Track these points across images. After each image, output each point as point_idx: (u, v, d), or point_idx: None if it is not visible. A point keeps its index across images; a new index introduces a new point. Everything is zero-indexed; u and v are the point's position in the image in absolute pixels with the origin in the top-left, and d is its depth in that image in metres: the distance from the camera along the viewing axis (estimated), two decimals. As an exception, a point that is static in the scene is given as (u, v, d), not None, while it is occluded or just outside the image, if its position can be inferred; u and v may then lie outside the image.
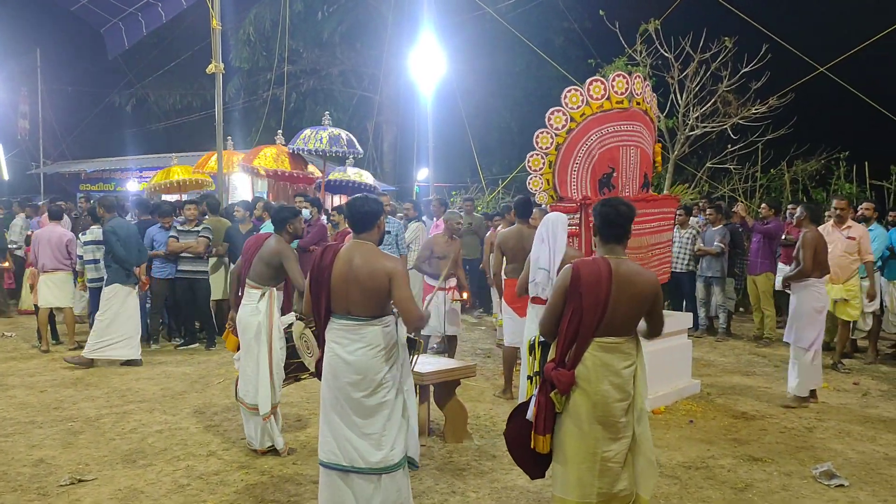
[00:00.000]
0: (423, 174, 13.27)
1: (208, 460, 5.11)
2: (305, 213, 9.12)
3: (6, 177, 23.52)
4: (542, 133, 6.48)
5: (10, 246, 11.38)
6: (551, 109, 6.45)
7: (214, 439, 5.54)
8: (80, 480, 4.69)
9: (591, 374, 3.47)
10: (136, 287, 8.17)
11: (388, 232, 8.39)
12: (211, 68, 12.40)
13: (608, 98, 6.41)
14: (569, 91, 6.46)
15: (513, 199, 11.15)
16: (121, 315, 7.97)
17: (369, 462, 3.73)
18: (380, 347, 3.76)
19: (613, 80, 6.43)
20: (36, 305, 9.10)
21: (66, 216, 10.84)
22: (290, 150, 12.22)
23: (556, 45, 21.17)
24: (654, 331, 3.69)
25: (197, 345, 9.06)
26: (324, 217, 9.69)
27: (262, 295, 5.18)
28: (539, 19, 21.03)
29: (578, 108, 6.41)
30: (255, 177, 12.92)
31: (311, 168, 12.95)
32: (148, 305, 9.11)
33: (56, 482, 4.67)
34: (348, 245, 3.88)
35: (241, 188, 17.76)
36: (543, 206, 6.86)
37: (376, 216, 3.89)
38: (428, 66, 14.52)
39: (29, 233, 10.74)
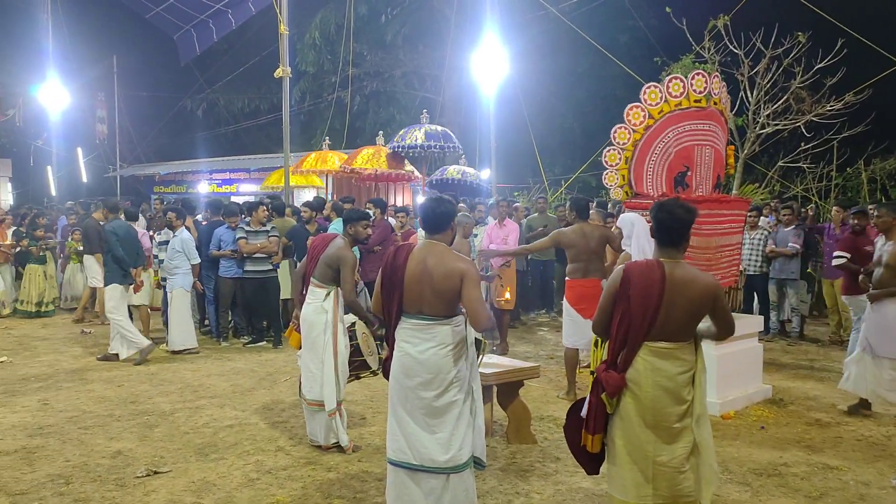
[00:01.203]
0: (485, 175, 13.25)
1: (277, 455, 5.23)
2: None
3: (85, 179, 24.66)
4: (620, 128, 6.42)
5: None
6: (630, 105, 6.40)
7: (282, 435, 5.67)
8: (155, 472, 4.87)
9: (641, 378, 3.42)
10: (131, 287, 8.53)
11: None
12: (279, 72, 12.68)
13: (686, 96, 6.33)
14: (648, 87, 6.40)
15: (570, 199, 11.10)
16: (122, 312, 8.35)
17: (437, 462, 3.75)
18: (450, 347, 3.78)
19: (693, 78, 6.35)
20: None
21: (141, 216, 11.26)
22: (390, 149, 12.23)
23: (620, 43, 20.86)
24: (722, 334, 3.59)
25: (264, 343, 9.26)
26: (392, 219, 9.78)
27: (328, 294, 5.26)
28: (603, 18, 20.75)
29: (657, 104, 6.34)
30: (355, 178, 13.03)
31: (408, 167, 12.93)
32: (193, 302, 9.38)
33: (133, 473, 4.86)
34: (421, 245, 3.92)
35: (306, 189, 18.12)
36: (618, 203, 6.83)
37: (450, 217, 3.93)
38: (490, 67, 14.50)
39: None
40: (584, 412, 3.61)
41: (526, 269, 10.61)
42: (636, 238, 5.48)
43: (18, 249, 11.55)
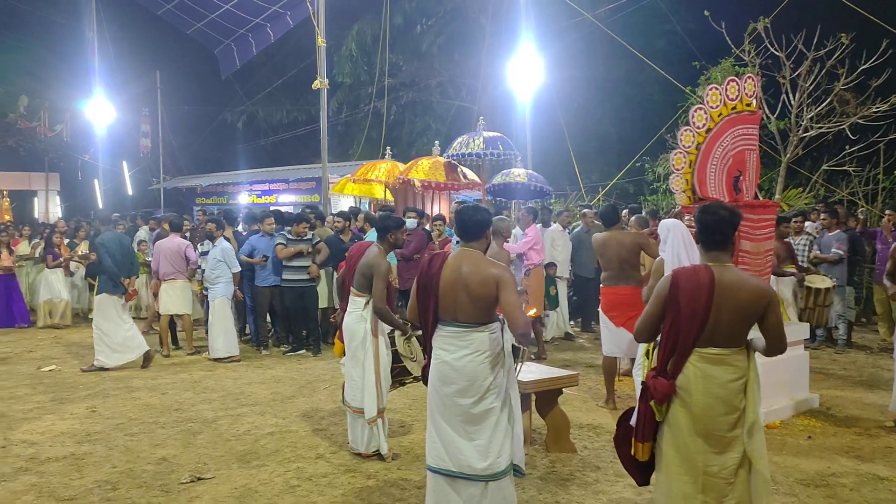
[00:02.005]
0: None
1: (317, 463, 5.27)
2: (411, 222, 9.30)
3: (130, 192, 25.24)
4: (685, 131, 6.36)
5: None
6: (695, 107, 6.34)
7: (322, 443, 5.71)
8: (199, 478, 4.95)
9: (692, 385, 3.36)
10: (123, 297, 8.68)
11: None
12: (316, 84, 12.86)
13: (740, 100, 6.27)
14: (710, 89, 6.34)
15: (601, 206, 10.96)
16: (109, 322, 8.50)
17: (476, 469, 3.75)
18: (486, 354, 3.78)
19: (745, 81, 6.28)
20: (158, 312, 9.65)
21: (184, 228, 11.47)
22: (447, 159, 12.10)
23: (657, 48, 20.65)
24: (771, 348, 3.45)
25: (304, 351, 9.35)
26: (428, 227, 9.82)
27: (367, 302, 5.29)
28: (639, 23, 20.58)
29: (717, 107, 6.29)
30: (411, 189, 13.02)
31: (471, 176, 12.77)
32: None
33: (177, 479, 4.94)
34: (456, 253, 3.94)
35: (344, 199, 18.29)
36: (662, 211, 6.77)
37: (485, 225, 3.96)
38: (526, 75, 14.49)
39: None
40: (633, 420, 3.57)
41: (570, 284, 10.45)
42: (671, 244, 5.40)
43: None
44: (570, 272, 10.14)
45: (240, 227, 10.93)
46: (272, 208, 13.46)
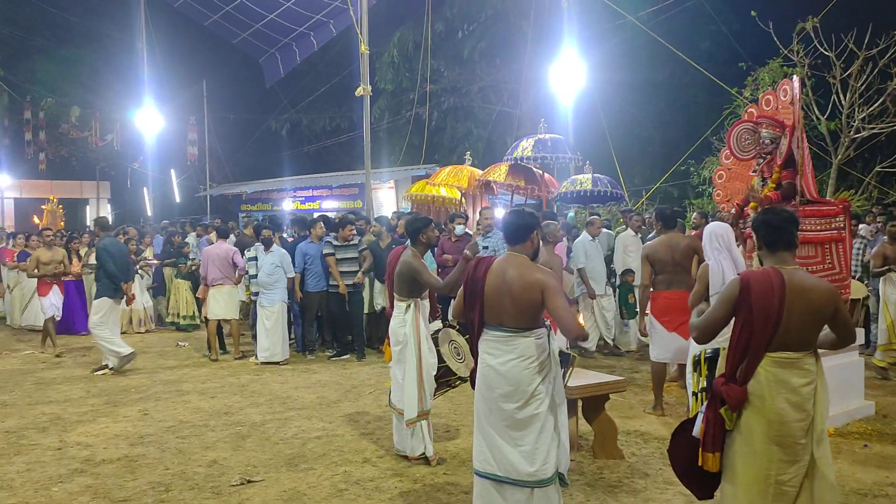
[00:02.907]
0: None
1: (364, 467, 5.31)
2: (459, 228, 9.33)
3: (178, 199, 25.80)
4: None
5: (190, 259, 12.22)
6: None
7: (369, 447, 5.75)
8: (249, 481, 5.02)
9: (764, 390, 3.29)
10: (123, 301, 8.93)
11: (486, 247, 8.36)
12: (359, 91, 12.98)
13: (792, 102, 6.21)
14: (764, 95, 6.34)
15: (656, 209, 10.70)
16: (108, 323, 8.76)
17: (522, 474, 3.75)
18: (532, 359, 3.77)
19: (792, 82, 6.23)
20: (206, 317, 9.83)
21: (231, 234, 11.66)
22: (511, 163, 11.73)
23: (701, 50, 20.36)
24: (842, 341, 3.46)
25: (348, 356, 9.43)
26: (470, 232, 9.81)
27: (408, 307, 5.34)
28: (683, 25, 20.31)
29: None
30: (489, 191, 12.90)
31: (547, 178, 12.54)
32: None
33: (228, 482, 5.02)
34: (502, 257, 3.95)
35: (387, 204, 18.43)
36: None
37: (530, 229, 3.94)
38: (568, 79, 14.42)
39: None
40: (696, 431, 3.47)
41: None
42: (715, 249, 5.34)
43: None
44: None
45: (285, 234, 11.09)
46: (316, 214, 13.62)
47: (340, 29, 18.28)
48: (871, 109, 11.95)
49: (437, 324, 5.55)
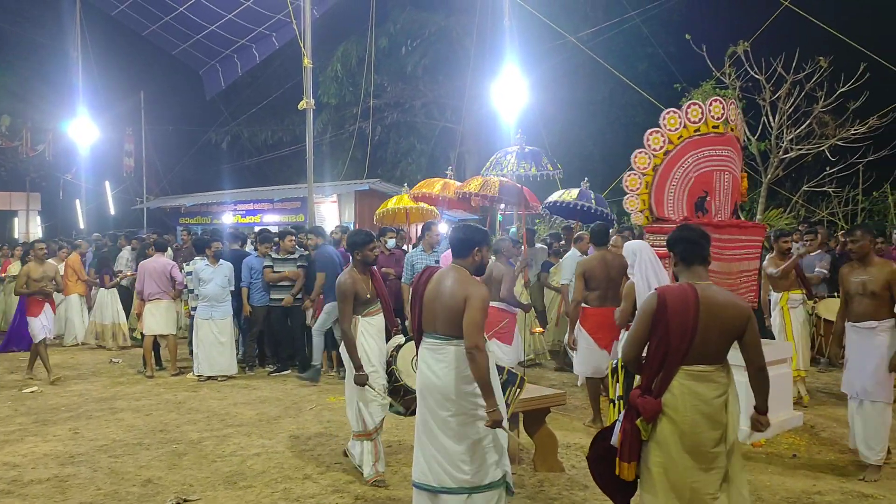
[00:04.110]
0: (555, 197, 13.21)
1: (304, 483, 5.23)
2: (391, 242, 9.37)
3: (113, 212, 25.07)
4: (640, 153, 6.44)
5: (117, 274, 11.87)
6: (650, 130, 6.42)
7: (309, 463, 5.68)
8: (185, 500, 4.90)
9: (678, 402, 3.40)
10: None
11: (437, 262, 8.37)
12: (302, 104, 12.87)
13: (705, 122, 6.34)
14: (668, 113, 6.42)
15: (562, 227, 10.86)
16: None
17: (458, 480, 3.79)
18: (464, 367, 3.82)
19: (711, 104, 6.37)
20: (142, 333, 9.56)
21: (168, 248, 11.41)
22: (484, 176, 11.49)
23: (639, 71, 20.96)
24: (749, 364, 3.52)
25: (289, 371, 9.30)
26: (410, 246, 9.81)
27: (353, 324, 5.27)
28: (621, 46, 20.90)
29: (676, 130, 6.36)
30: (467, 205, 12.60)
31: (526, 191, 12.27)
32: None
33: (163, 501, 4.89)
34: (444, 268, 4.07)
35: (329, 218, 18.30)
36: (629, 226, 6.82)
37: (472, 244, 4.00)
38: (510, 97, 14.61)
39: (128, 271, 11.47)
40: (614, 440, 3.58)
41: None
42: (639, 266, 5.45)
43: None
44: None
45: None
46: (257, 228, 13.42)
47: (283, 42, 18.12)
48: (798, 131, 12.47)
49: (399, 339, 5.38)
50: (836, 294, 7.88)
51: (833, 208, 14.25)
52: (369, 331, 5.30)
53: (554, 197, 11.52)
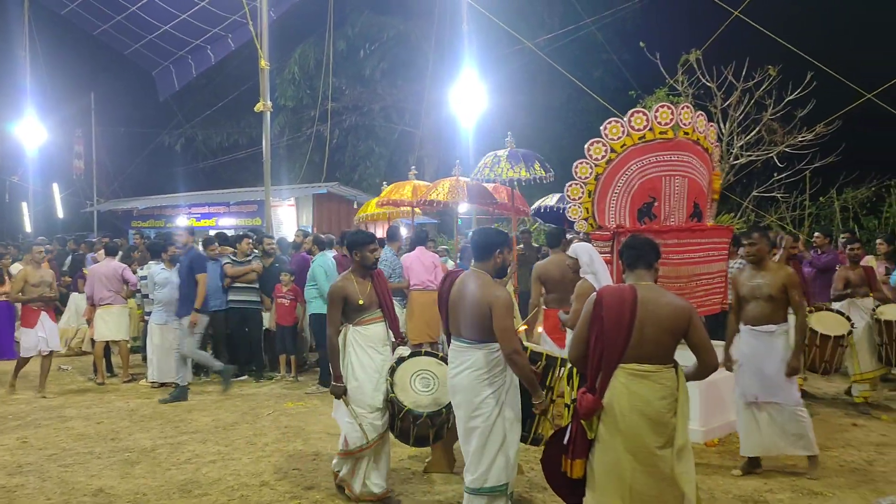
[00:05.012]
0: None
1: (261, 490, 5.17)
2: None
3: (61, 215, 24.41)
4: (581, 163, 6.53)
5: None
6: (591, 140, 6.50)
7: (267, 469, 5.61)
8: (138, 509, 4.79)
9: (616, 401, 3.45)
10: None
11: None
12: (259, 107, 12.74)
13: (650, 129, 6.42)
14: (609, 123, 6.50)
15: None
16: None
17: (467, 479, 3.95)
18: (481, 371, 3.92)
19: (657, 110, 6.45)
20: (92, 339, 9.34)
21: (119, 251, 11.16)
22: (474, 181, 11.34)
23: (594, 77, 21.26)
24: (702, 364, 3.59)
25: (246, 377, 9.18)
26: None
27: (343, 333, 4.93)
28: (577, 53, 21.17)
29: (618, 139, 6.44)
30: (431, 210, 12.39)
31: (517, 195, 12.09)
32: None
33: (116, 511, 4.78)
34: (466, 273, 4.15)
35: (287, 222, 18.13)
36: (582, 234, 6.88)
37: (493, 247, 4.09)
38: (469, 101, 14.68)
39: (85, 270, 11.00)
40: (566, 439, 3.63)
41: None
42: (599, 265, 5.53)
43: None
44: None
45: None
46: (213, 232, 13.23)
47: (239, 43, 17.88)
48: (748, 138, 12.80)
49: (402, 350, 5.01)
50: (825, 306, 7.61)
51: (781, 213, 14.62)
52: (359, 341, 4.81)
53: (538, 202, 11.67)
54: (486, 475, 3.92)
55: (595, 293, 3.63)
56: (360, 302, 4.78)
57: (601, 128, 6.50)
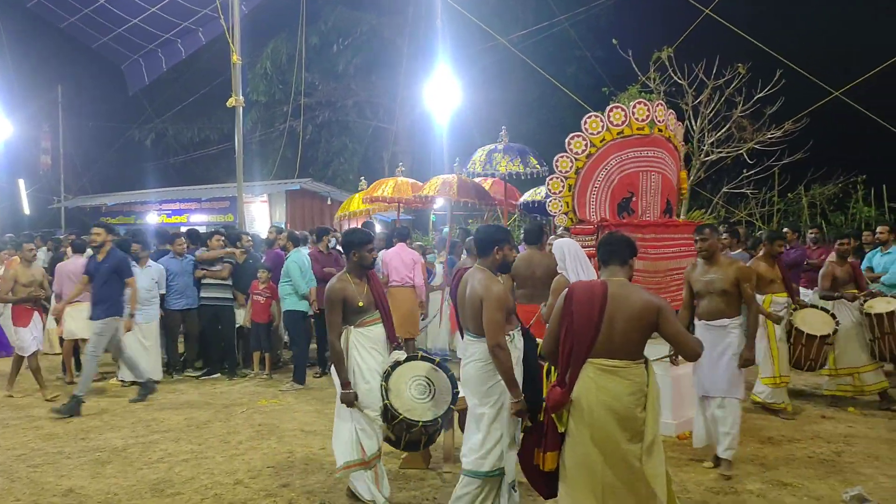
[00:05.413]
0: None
1: (235, 489, 5.13)
2: (332, 241, 9.36)
3: (27, 211, 23.96)
4: (561, 157, 6.58)
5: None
6: (571, 135, 6.54)
7: (241, 468, 5.56)
8: (110, 509, 4.73)
9: (583, 396, 3.49)
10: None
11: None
12: (231, 102, 12.62)
13: (628, 124, 6.48)
14: (589, 117, 6.54)
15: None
16: None
17: (465, 462, 4.11)
18: (485, 363, 4.02)
19: (635, 107, 6.52)
20: (61, 337, 9.18)
21: (88, 249, 10.96)
22: (465, 174, 11.10)
23: (568, 74, 21.38)
24: (682, 353, 3.68)
25: (219, 375, 9.09)
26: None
27: (344, 337, 4.70)
28: (551, 49, 21.27)
29: (598, 133, 6.49)
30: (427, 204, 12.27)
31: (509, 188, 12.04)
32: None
33: (86, 511, 4.71)
34: (470, 269, 4.26)
35: (260, 219, 18.00)
36: (562, 228, 6.91)
37: (493, 243, 4.17)
38: (443, 97, 14.68)
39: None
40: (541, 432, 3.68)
41: None
42: (570, 263, 5.55)
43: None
44: None
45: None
46: (184, 228, 13.07)
47: (210, 37, 17.65)
48: (718, 135, 12.93)
49: (398, 354, 4.78)
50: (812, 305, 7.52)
51: (751, 209, 14.82)
52: (363, 343, 4.67)
53: (526, 196, 11.68)
54: (485, 459, 4.00)
55: (567, 289, 3.68)
56: (360, 304, 4.64)
57: (582, 122, 6.55)
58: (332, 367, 4.75)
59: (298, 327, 8.72)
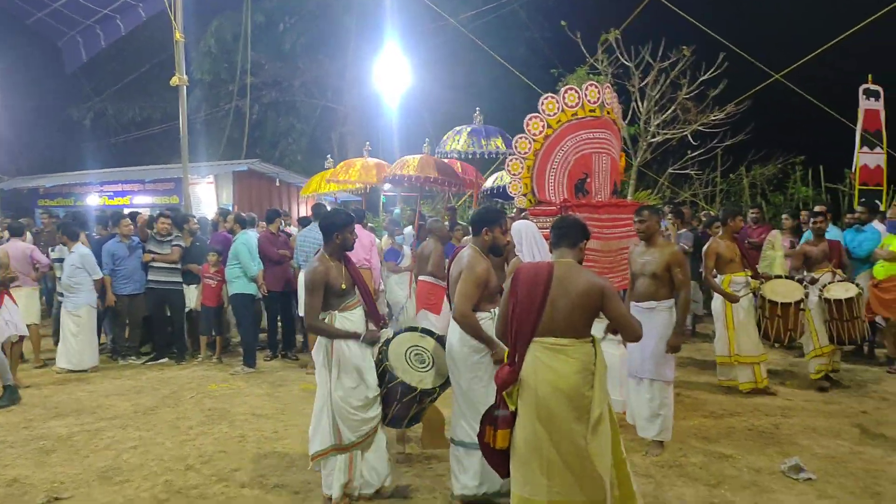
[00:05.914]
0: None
1: (187, 474, 5.08)
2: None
3: (-40, 194, 23.02)
4: (520, 138, 6.62)
5: None
6: (529, 116, 6.58)
7: (191, 453, 5.50)
8: (56, 499, 4.64)
9: (531, 373, 3.56)
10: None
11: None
12: (175, 80, 12.31)
13: (582, 106, 6.57)
14: (545, 98, 6.60)
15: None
16: None
17: (454, 433, 4.53)
18: (468, 338, 4.26)
19: (586, 89, 6.60)
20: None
21: (27, 233, 10.62)
22: (438, 155, 10.89)
23: (518, 55, 21.41)
24: (623, 334, 3.78)
25: (166, 359, 8.94)
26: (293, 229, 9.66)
27: (324, 320, 4.57)
28: (501, 30, 21.25)
29: (554, 114, 6.56)
30: (401, 186, 12.03)
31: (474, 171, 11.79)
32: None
33: (32, 501, 4.61)
34: (463, 248, 4.48)
35: (206, 200, 17.64)
36: (517, 210, 6.97)
37: (481, 224, 4.42)
38: (392, 77, 14.58)
39: None
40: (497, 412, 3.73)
41: None
42: (526, 245, 5.61)
43: None
44: None
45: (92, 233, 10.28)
46: (127, 211, 12.74)
47: (151, 13, 17.11)
48: (664, 116, 13.18)
49: (386, 332, 4.73)
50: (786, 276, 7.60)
51: (695, 190, 15.18)
52: (347, 328, 4.51)
53: (489, 182, 11.65)
54: (473, 429, 4.14)
55: (514, 270, 3.79)
56: (343, 286, 4.51)
57: (539, 103, 6.60)
58: (315, 351, 4.56)
59: (247, 310, 8.62)
